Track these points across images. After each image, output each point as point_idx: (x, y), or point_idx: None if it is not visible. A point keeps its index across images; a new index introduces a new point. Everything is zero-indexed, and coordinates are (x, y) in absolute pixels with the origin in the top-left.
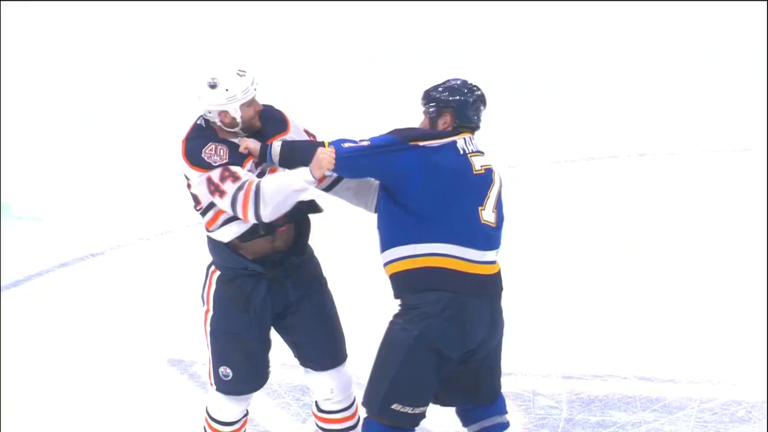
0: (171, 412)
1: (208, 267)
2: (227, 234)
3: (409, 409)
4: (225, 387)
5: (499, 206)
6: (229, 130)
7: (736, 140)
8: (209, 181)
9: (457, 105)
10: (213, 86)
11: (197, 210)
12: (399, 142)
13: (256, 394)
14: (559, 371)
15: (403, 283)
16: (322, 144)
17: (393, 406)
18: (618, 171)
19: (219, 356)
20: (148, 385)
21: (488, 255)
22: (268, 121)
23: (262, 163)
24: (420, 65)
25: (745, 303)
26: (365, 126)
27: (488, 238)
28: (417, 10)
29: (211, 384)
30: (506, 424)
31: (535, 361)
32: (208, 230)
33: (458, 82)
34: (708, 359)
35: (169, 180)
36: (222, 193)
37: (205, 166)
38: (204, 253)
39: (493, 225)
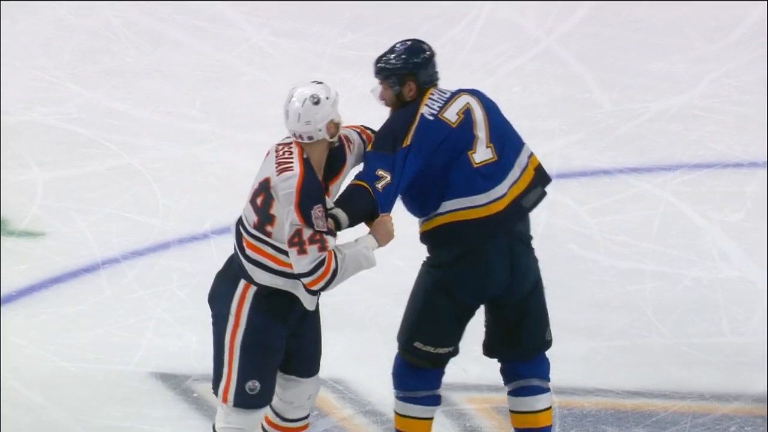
0: (162, 428)
1: (233, 281)
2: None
3: (431, 348)
4: (247, 401)
5: (495, 134)
6: (330, 141)
7: None
8: (298, 233)
9: (417, 70)
10: (317, 102)
11: (263, 227)
12: (402, 154)
13: None
14: (551, 386)
15: (425, 241)
16: (359, 185)
17: (415, 344)
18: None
19: (248, 370)
20: (139, 400)
21: (495, 192)
22: (334, 152)
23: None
24: None
25: (741, 317)
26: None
27: (488, 177)
28: None
29: (225, 400)
30: (546, 389)
31: None
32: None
33: (406, 44)
34: (700, 374)
35: (162, 195)
36: (302, 252)
37: (307, 222)
38: (193, 268)
39: (493, 159)
